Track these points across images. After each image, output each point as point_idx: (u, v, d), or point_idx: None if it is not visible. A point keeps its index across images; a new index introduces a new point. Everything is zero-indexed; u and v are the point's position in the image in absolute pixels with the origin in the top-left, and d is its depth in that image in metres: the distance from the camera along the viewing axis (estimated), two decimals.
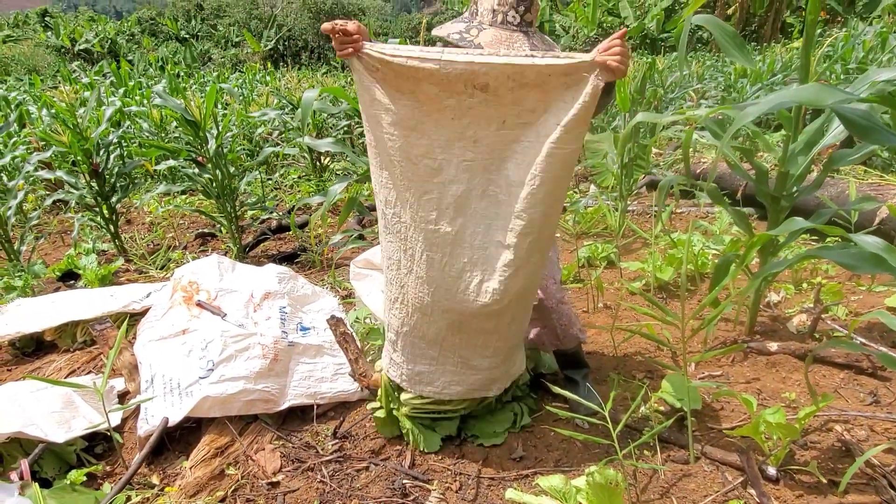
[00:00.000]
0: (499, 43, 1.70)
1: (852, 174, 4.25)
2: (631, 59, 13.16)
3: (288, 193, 6.16)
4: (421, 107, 1.57)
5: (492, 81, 1.49)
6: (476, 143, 1.59)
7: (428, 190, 1.63)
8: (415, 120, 1.58)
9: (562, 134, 1.49)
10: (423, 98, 1.56)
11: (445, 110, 1.57)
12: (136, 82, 10.47)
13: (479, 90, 1.52)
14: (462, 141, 1.60)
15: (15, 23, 32.94)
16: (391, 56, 1.52)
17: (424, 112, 1.58)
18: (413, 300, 1.77)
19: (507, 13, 1.72)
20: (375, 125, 1.63)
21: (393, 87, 1.57)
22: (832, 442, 1.87)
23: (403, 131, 1.59)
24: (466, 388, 1.88)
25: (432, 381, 1.88)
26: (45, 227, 5.47)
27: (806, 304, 2.76)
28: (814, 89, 1.15)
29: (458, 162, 1.61)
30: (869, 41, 6.73)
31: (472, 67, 1.47)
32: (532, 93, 1.50)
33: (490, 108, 1.55)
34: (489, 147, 1.59)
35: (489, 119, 1.56)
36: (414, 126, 1.59)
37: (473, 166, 1.61)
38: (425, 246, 1.67)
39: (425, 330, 1.80)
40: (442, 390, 1.89)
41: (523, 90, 1.50)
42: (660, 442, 1.90)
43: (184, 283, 2.52)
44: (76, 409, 2.13)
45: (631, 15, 21.99)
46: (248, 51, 27.83)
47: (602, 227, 4.28)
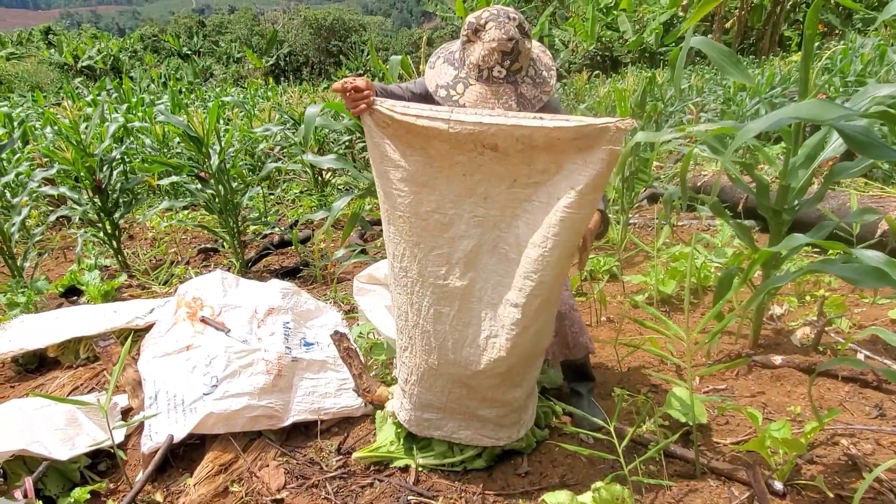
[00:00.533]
0: (484, 101, 1.68)
1: (853, 186, 4.26)
2: (631, 74, 13.14)
3: (290, 208, 6.18)
4: (432, 163, 1.58)
5: (500, 142, 1.49)
6: (487, 199, 1.59)
7: (437, 245, 1.63)
8: (426, 176, 1.59)
9: (575, 199, 1.47)
10: (434, 154, 1.56)
11: (456, 166, 1.57)
12: (139, 98, 10.54)
13: (489, 149, 1.52)
14: (473, 197, 1.60)
15: (18, 40, 33.26)
16: (401, 115, 1.53)
17: (436, 168, 1.58)
18: (420, 352, 1.77)
19: (492, 69, 1.68)
20: (385, 181, 1.64)
21: (404, 142, 1.58)
22: (838, 456, 1.86)
23: (414, 187, 1.60)
24: (474, 432, 1.88)
25: (440, 426, 1.89)
26: (48, 243, 5.49)
27: (809, 316, 2.75)
28: (814, 105, 1.16)
29: (468, 217, 1.61)
30: (867, 54, 6.77)
31: (480, 128, 1.47)
32: (543, 154, 1.50)
33: (501, 166, 1.54)
34: (500, 204, 1.59)
35: (500, 177, 1.56)
36: (425, 182, 1.59)
37: (485, 222, 1.62)
38: (433, 300, 1.68)
39: (432, 382, 1.80)
40: (451, 434, 1.89)
41: (533, 151, 1.49)
42: (665, 457, 1.89)
43: (187, 299, 2.52)
44: (80, 427, 2.13)
45: (630, 29, 22.17)
46: (250, 67, 28.06)
47: (604, 240, 4.29)
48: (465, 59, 1.73)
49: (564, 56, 21.60)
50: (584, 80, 11.63)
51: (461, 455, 1.92)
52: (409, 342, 1.80)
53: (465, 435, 1.88)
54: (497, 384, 1.76)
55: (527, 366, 1.79)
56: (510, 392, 1.80)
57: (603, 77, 15.59)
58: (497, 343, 1.66)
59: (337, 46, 34.67)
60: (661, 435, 1.96)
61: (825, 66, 7.33)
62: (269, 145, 7.38)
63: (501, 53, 1.66)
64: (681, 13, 21.18)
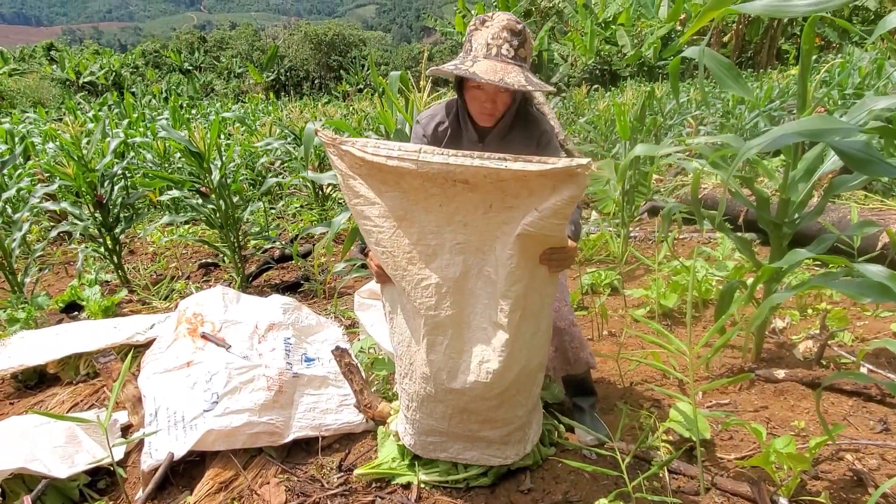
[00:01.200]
0: (494, 72, 1.68)
1: (853, 199, 4.27)
2: (630, 87, 13.19)
3: (290, 222, 6.19)
4: (408, 196, 1.61)
5: (470, 179, 1.52)
6: (466, 226, 1.61)
7: (424, 276, 1.64)
8: (403, 209, 1.62)
9: (536, 218, 1.49)
10: (408, 188, 1.60)
11: (432, 198, 1.59)
12: (140, 114, 10.60)
13: (461, 183, 1.55)
14: (452, 225, 1.62)
15: (21, 56, 33.51)
16: (372, 155, 1.56)
17: (412, 201, 1.61)
18: (419, 379, 1.78)
19: (500, 46, 1.71)
20: (364, 220, 1.67)
21: (378, 180, 1.61)
22: (843, 471, 1.85)
23: (393, 221, 1.62)
24: (480, 452, 1.88)
25: (446, 448, 1.89)
26: (49, 258, 5.49)
27: (812, 330, 2.75)
28: (815, 122, 1.17)
29: (451, 245, 1.63)
30: (865, 67, 6.82)
31: (447, 168, 1.49)
32: (513, 183, 1.52)
33: (475, 194, 1.56)
34: (480, 229, 1.61)
35: (475, 205, 1.58)
36: (403, 216, 1.62)
37: (467, 248, 1.63)
38: (427, 329, 1.68)
39: (432, 408, 1.81)
40: (457, 455, 1.89)
41: (503, 182, 1.52)
42: (669, 473, 1.88)
43: (188, 315, 2.52)
44: (79, 444, 2.11)
45: (628, 43, 22.34)
46: (251, 82, 28.23)
47: (605, 253, 4.29)
48: (473, 43, 1.74)
49: (563, 70, 21.74)
50: (583, 94, 11.69)
51: (465, 473, 1.90)
52: (410, 368, 1.81)
53: (472, 455, 1.88)
54: (496, 406, 1.76)
55: (524, 384, 1.78)
56: (511, 411, 1.79)
57: (602, 91, 15.69)
58: (490, 367, 1.66)
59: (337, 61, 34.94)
60: (665, 450, 1.94)
61: (823, 79, 7.38)
62: (270, 160, 7.41)
63: (510, 31, 1.70)
64: (679, 27, 21.37)
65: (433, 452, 1.91)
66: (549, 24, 22.71)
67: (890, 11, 3.03)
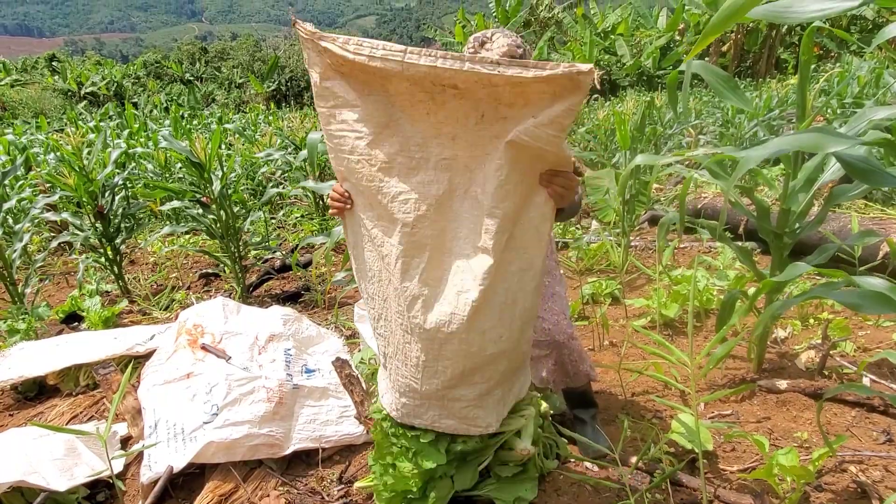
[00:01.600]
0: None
1: (854, 208, 4.27)
2: (630, 97, 13.24)
3: (291, 232, 6.19)
4: (393, 102, 1.47)
5: (460, 84, 1.39)
6: (455, 139, 1.48)
7: (403, 190, 1.50)
8: (387, 116, 1.48)
9: (530, 126, 1.37)
10: (395, 92, 1.46)
11: (419, 105, 1.46)
12: (142, 124, 10.64)
13: (450, 87, 1.41)
14: (440, 138, 1.48)
15: (23, 67, 33.67)
16: (354, 54, 1.42)
17: (398, 108, 1.48)
18: (394, 315, 1.63)
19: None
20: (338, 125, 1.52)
21: (361, 82, 1.48)
22: (847, 483, 1.83)
23: (374, 128, 1.48)
24: (458, 421, 1.71)
25: (420, 414, 1.72)
26: (50, 268, 5.49)
27: (813, 339, 2.74)
28: (814, 135, 1.17)
29: (436, 160, 1.49)
30: (864, 77, 6.84)
31: (435, 71, 1.36)
32: (508, 88, 1.37)
33: (466, 101, 1.42)
34: (469, 143, 1.47)
35: (466, 113, 1.44)
36: (386, 123, 1.49)
37: (454, 164, 1.50)
38: (402, 250, 1.53)
39: (406, 352, 1.64)
40: (433, 423, 1.71)
41: (497, 88, 1.38)
42: (671, 485, 1.87)
43: (188, 326, 2.51)
44: (79, 456, 2.10)
45: (627, 53, 22.46)
46: (252, 92, 28.35)
47: (605, 263, 4.28)
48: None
49: None
50: (583, 104, 11.72)
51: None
52: (383, 307, 1.65)
53: (449, 424, 1.71)
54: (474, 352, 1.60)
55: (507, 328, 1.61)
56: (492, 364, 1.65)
57: (602, 100, 15.74)
58: (469, 297, 1.51)
59: None
60: (667, 462, 1.93)
61: (823, 88, 7.41)
62: (271, 170, 7.42)
63: (510, 57, 1.65)
64: (677, 37, 21.49)
65: (407, 417, 1.75)
66: (549, 33, 22.85)
67: (888, 21, 3.02)
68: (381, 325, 1.71)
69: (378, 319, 1.71)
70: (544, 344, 2.02)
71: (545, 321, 2.01)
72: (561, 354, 2.03)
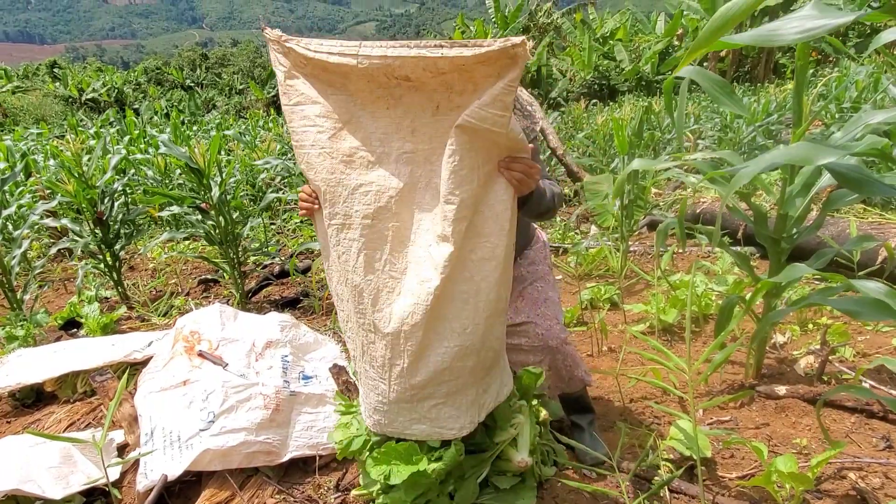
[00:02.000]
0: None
1: (852, 212, 4.27)
2: (628, 102, 13.25)
3: (290, 238, 6.19)
4: (355, 100, 1.52)
5: (410, 73, 1.43)
6: (414, 133, 1.51)
7: (364, 182, 1.52)
8: (349, 113, 1.53)
9: (475, 107, 1.39)
10: (355, 90, 1.51)
11: (378, 101, 1.50)
12: (141, 130, 10.66)
13: (403, 80, 1.45)
14: (400, 132, 1.52)
15: (24, 74, 33.77)
16: (314, 52, 1.48)
17: (358, 105, 1.52)
18: (355, 316, 1.62)
19: None
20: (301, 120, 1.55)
21: (323, 81, 1.53)
22: (847, 490, 1.82)
23: (336, 123, 1.52)
24: (430, 426, 1.66)
25: (391, 420, 1.69)
26: (49, 274, 5.49)
27: (812, 345, 2.73)
28: (804, 148, 1.17)
29: (397, 154, 1.53)
30: (861, 81, 6.86)
31: (386, 61, 1.40)
32: (456, 75, 1.41)
33: (420, 94, 1.47)
34: (428, 136, 1.51)
35: (422, 106, 1.48)
36: (348, 119, 1.53)
37: (415, 158, 1.53)
38: (363, 243, 1.54)
39: (372, 352, 1.62)
40: (404, 430, 1.68)
41: (445, 76, 1.42)
42: (670, 492, 1.86)
43: (185, 333, 2.51)
44: (75, 464, 2.09)
45: (626, 58, 22.52)
46: (252, 98, 28.42)
47: (604, 268, 4.28)
48: None
49: (562, 85, 21.92)
50: (581, 109, 11.76)
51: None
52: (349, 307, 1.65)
53: (420, 430, 1.68)
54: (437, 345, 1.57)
55: (471, 320, 1.57)
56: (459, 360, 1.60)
57: (600, 105, 15.78)
58: (431, 286, 1.50)
59: None
60: (665, 469, 1.92)
61: (821, 92, 7.42)
62: (270, 175, 7.43)
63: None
64: (676, 42, 21.54)
65: (381, 427, 1.72)
66: (548, 39, 22.91)
67: (886, 27, 3.01)
68: (349, 327, 1.70)
69: (346, 321, 1.70)
70: (538, 349, 2.02)
71: (538, 326, 2.00)
72: (555, 360, 2.03)
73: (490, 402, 1.74)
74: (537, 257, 2.18)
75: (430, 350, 1.58)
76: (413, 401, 1.65)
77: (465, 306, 1.56)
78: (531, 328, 2.01)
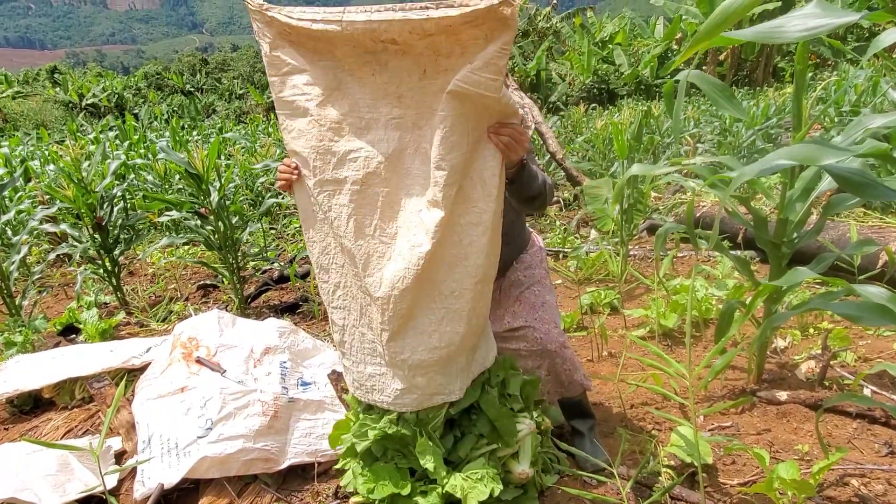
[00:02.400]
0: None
1: (852, 216, 4.26)
2: (627, 106, 13.26)
3: (290, 243, 6.18)
4: (342, 66, 1.53)
5: (396, 36, 1.43)
6: (402, 98, 1.52)
7: (353, 149, 1.54)
8: (336, 80, 1.53)
9: (468, 72, 1.38)
10: (342, 56, 1.52)
11: (365, 66, 1.51)
12: (141, 135, 10.67)
13: (390, 43, 1.46)
14: (388, 98, 1.52)
15: (25, 79, 33.82)
16: (297, 20, 1.48)
17: (346, 71, 1.53)
18: (352, 278, 1.63)
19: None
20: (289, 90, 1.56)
21: (309, 49, 1.53)
22: (849, 497, 1.81)
23: (324, 91, 1.53)
24: (421, 393, 1.69)
25: (383, 388, 1.72)
26: (48, 280, 5.48)
27: (813, 350, 2.72)
28: (808, 149, 1.16)
29: (386, 120, 1.53)
30: (860, 85, 6.86)
31: (371, 26, 1.40)
32: (442, 37, 1.41)
33: (407, 58, 1.47)
34: (416, 101, 1.51)
35: (409, 71, 1.48)
36: (336, 86, 1.54)
37: (403, 123, 1.53)
38: (353, 208, 1.56)
39: (370, 314, 1.64)
40: (394, 400, 1.71)
41: (432, 38, 1.41)
42: (671, 499, 1.84)
43: (183, 340, 2.50)
44: (71, 472, 2.08)
45: (625, 62, 22.55)
46: (252, 103, 28.45)
47: (604, 272, 4.27)
48: None
49: (562, 89, 21.95)
50: (581, 113, 11.77)
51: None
52: (341, 273, 1.67)
53: (411, 400, 1.71)
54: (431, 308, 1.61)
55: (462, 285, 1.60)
56: (449, 324, 1.62)
57: (600, 109, 15.80)
58: (422, 250, 1.51)
59: None
60: (667, 476, 1.91)
61: (820, 96, 7.42)
62: (270, 180, 7.42)
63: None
64: (675, 46, 21.59)
65: (373, 393, 1.74)
66: (547, 43, 22.96)
67: (884, 30, 3.02)
68: (338, 297, 1.72)
69: (336, 290, 1.72)
70: (536, 354, 2.01)
71: (536, 330, 2.00)
72: (554, 363, 2.02)
73: (476, 368, 1.77)
74: (534, 261, 2.17)
75: (418, 314, 1.62)
76: (404, 366, 1.67)
77: (453, 270, 1.59)
78: (529, 332, 2.01)
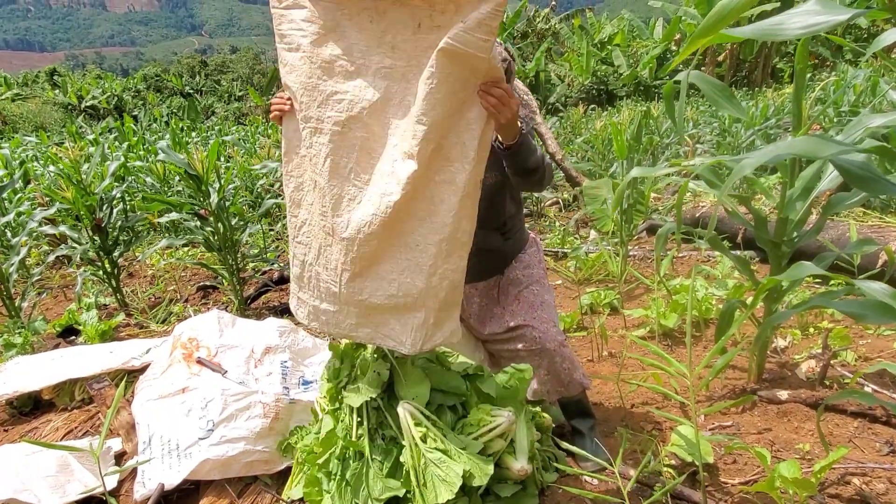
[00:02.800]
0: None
1: (852, 216, 4.27)
2: (626, 107, 13.30)
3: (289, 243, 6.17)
4: (342, 8, 1.57)
5: None
6: (395, 49, 1.54)
7: (338, 91, 1.56)
8: (334, 21, 1.57)
9: (460, 30, 1.39)
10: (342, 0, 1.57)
11: (363, 12, 1.55)
12: (140, 137, 10.67)
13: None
14: (381, 47, 1.55)
15: (24, 81, 33.81)
16: None
17: (345, 14, 1.57)
18: (317, 216, 1.67)
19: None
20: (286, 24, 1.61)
21: None
22: (851, 495, 1.81)
23: (320, 30, 1.57)
24: (374, 330, 1.72)
25: (339, 321, 1.76)
26: (48, 282, 5.47)
27: (814, 349, 2.72)
28: (810, 142, 1.16)
29: (376, 68, 1.56)
30: (860, 85, 6.87)
31: None
32: None
33: (404, 9, 1.50)
34: (407, 53, 1.53)
35: (405, 22, 1.51)
36: (333, 27, 1.57)
37: (392, 73, 1.55)
38: (331, 149, 1.59)
39: (328, 255, 1.69)
40: (350, 332, 1.76)
41: None
42: (672, 499, 1.84)
43: (183, 340, 2.49)
44: (71, 473, 2.08)
45: (624, 63, 22.58)
46: (251, 104, 28.46)
47: (604, 273, 4.27)
48: None
49: (561, 90, 21.97)
50: (580, 114, 11.78)
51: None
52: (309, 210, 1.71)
53: (365, 333, 1.74)
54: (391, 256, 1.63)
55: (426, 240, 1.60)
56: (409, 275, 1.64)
57: (599, 110, 15.81)
58: (391, 200, 1.53)
59: None
60: (668, 476, 1.91)
61: (819, 97, 7.43)
62: (269, 181, 7.42)
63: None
64: (674, 47, 21.60)
65: (328, 326, 1.78)
66: (546, 44, 22.98)
67: (883, 30, 3.03)
68: (302, 233, 1.77)
69: (301, 227, 1.77)
70: (535, 353, 2.01)
71: (535, 329, 2.00)
72: (553, 362, 2.02)
73: (439, 338, 1.74)
74: (532, 261, 2.18)
75: (381, 260, 1.65)
76: (361, 306, 1.71)
77: (420, 224, 1.61)
78: (528, 331, 2.01)
